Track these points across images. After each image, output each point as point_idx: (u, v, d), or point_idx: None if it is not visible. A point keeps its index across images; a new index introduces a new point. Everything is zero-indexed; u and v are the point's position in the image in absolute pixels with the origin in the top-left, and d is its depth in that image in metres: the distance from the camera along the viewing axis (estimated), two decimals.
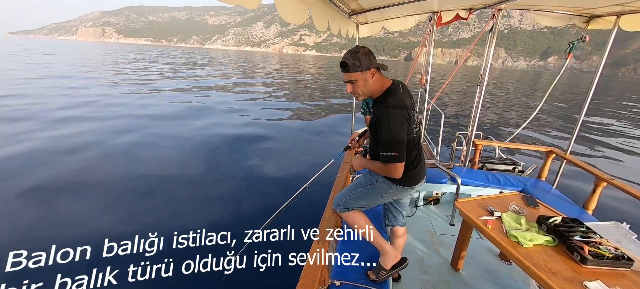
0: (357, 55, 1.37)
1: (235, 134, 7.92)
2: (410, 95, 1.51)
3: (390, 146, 1.36)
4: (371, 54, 1.40)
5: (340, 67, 1.43)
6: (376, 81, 1.43)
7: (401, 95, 1.43)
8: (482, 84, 3.27)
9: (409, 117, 1.41)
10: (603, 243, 1.53)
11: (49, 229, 3.59)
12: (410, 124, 1.43)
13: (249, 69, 35.56)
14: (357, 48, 1.41)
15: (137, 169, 5.43)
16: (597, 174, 2.57)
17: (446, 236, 2.70)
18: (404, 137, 1.37)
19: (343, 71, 1.42)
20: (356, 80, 1.41)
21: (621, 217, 2.07)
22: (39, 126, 7.72)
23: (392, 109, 1.36)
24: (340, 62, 1.42)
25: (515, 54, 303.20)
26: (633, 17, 2.58)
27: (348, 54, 1.40)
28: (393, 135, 1.34)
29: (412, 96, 1.54)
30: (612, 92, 33.32)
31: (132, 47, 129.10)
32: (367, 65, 1.38)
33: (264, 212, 1.99)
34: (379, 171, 1.53)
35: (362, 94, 1.45)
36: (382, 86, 1.45)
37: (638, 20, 2.56)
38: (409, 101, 1.47)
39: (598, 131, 10.09)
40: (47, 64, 25.91)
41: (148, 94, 13.85)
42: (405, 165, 1.50)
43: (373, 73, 1.41)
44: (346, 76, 1.42)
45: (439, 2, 2.70)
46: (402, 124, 1.36)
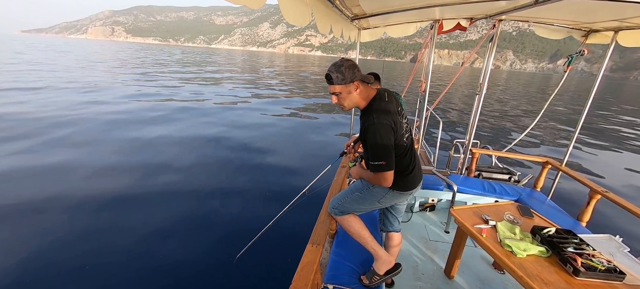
0: (341, 69, 1.41)
1: (234, 137, 7.89)
2: (396, 102, 1.54)
3: (378, 155, 1.38)
4: (355, 67, 1.44)
5: (325, 79, 1.46)
6: (360, 93, 1.46)
7: (386, 103, 1.46)
8: (481, 93, 3.29)
9: (396, 124, 1.43)
10: (596, 255, 1.54)
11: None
12: (397, 131, 1.44)
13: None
14: (341, 61, 1.44)
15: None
16: (591, 186, 2.59)
17: (441, 243, 2.70)
18: (390, 145, 1.39)
19: (328, 83, 1.46)
20: (340, 92, 1.44)
21: (614, 230, 2.08)
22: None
23: (378, 119, 1.38)
24: (325, 75, 1.46)
25: (523, 56, 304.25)
26: (631, 33, 2.61)
27: (332, 67, 1.43)
28: (379, 144, 1.36)
29: (400, 102, 1.57)
30: (625, 97, 33.38)
31: (142, 46, 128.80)
32: (351, 78, 1.41)
33: (261, 217, 1.98)
34: (369, 180, 1.56)
35: (347, 105, 1.49)
36: (367, 97, 1.49)
37: (635, 36, 2.59)
38: (395, 107, 1.49)
39: (597, 140, 10.15)
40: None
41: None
42: (400, 170, 1.53)
43: (357, 86, 1.44)
44: (331, 88, 1.45)
45: (441, 11, 2.72)
46: (387, 132, 1.38)
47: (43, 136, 6.71)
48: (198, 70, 28.57)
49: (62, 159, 5.49)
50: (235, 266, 2.81)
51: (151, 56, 47.68)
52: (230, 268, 2.93)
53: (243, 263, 2.71)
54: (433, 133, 7.72)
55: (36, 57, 31.37)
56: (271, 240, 3.22)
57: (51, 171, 4.95)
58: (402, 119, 1.53)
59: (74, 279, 2.78)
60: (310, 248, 1.48)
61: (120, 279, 2.81)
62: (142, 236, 3.43)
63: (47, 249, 3.13)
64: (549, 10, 2.44)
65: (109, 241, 3.32)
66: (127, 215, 3.84)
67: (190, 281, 2.82)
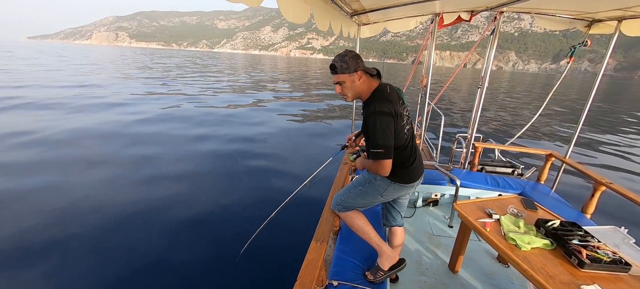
0: (345, 58, 1.46)
1: (235, 138, 7.92)
2: (398, 94, 1.56)
3: (377, 144, 1.41)
4: (358, 57, 1.48)
5: (329, 70, 1.51)
6: (363, 83, 1.51)
7: (387, 95, 1.49)
8: (483, 87, 3.27)
9: (396, 115, 1.45)
10: (601, 247, 1.53)
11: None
12: (398, 122, 1.46)
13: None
14: (345, 52, 1.49)
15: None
16: (596, 178, 2.57)
17: (444, 238, 2.70)
18: (390, 135, 1.42)
19: (332, 73, 1.51)
20: (344, 81, 1.49)
21: (620, 221, 2.07)
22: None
23: (379, 108, 1.42)
24: (329, 65, 1.50)
25: (526, 57, 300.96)
26: (634, 22, 2.58)
27: (336, 57, 1.49)
28: (379, 133, 1.39)
29: (401, 95, 1.60)
30: (627, 96, 33.02)
31: (147, 51, 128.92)
32: (355, 68, 1.47)
33: (264, 210, 2.00)
34: (369, 168, 1.59)
35: (350, 95, 1.53)
36: (369, 88, 1.52)
37: (639, 24, 2.56)
38: (397, 99, 1.52)
39: (601, 135, 10.07)
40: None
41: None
42: (401, 162, 1.55)
43: (360, 75, 1.49)
44: (335, 77, 1.51)
45: (441, 4, 2.70)
46: (388, 122, 1.41)
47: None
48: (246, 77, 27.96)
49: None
50: (241, 257, 2.85)
51: (172, 61, 47.44)
52: (235, 262, 2.98)
53: (249, 257, 2.75)
54: (435, 128, 7.70)
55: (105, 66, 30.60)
56: (274, 235, 3.27)
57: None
58: (403, 111, 1.55)
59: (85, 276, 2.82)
60: (315, 245, 1.49)
61: (123, 278, 2.85)
62: (150, 235, 3.47)
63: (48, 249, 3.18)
64: (550, 0, 2.41)
65: (111, 241, 3.36)
66: (132, 217, 3.88)
67: (197, 278, 2.85)
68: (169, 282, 2.82)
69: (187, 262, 3.06)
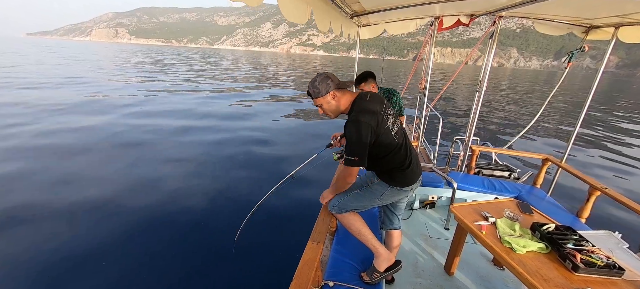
0: (315, 84, 1.53)
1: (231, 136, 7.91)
2: (380, 102, 1.57)
3: (352, 150, 1.44)
4: (328, 78, 1.53)
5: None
6: (338, 100, 1.55)
7: (367, 103, 1.51)
8: (481, 90, 3.29)
9: (377, 121, 1.47)
10: (595, 251, 1.54)
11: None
12: (381, 126, 1.48)
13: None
14: (315, 77, 1.55)
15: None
16: (591, 182, 2.59)
17: (441, 240, 2.71)
18: (366, 143, 1.43)
19: (310, 98, 1.59)
20: (321, 104, 1.57)
21: (614, 226, 2.09)
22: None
23: (356, 116, 1.44)
24: (306, 92, 1.59)
25: (527, 53, 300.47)
26: (632, 29, 2.60)
27: (309, 84, 1.56)
28: (354, 140, 1.42)
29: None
30: (630, 94, 33.14)
31: (145, 48, 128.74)
32: (325, 90, 1.52)
33: (250, 204, 2.01)
34: (338, 176, 1.64)
35: (331, 114, 1.61)
36: (347, 101, 1.56)
37: (636, 32, 2.58)
38: (378, 107, 1.52)
39: (597, 137, 10.14)
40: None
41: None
42: (396, 166, 1.56)
43: (333, 95, 1.54)
44: (313, 102, 1.59)
45: (441, 8, 2.71)
46: (366, 129, 1.42)
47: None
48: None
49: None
50: (236, 246, 2.94)
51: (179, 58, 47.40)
52: (231, 251, 3.07)
53: (245, 256, 2.79)
54: (433, 131, 7.72)
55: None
56: (271, 235, 3.33)
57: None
58: (387, 116, 1.54)
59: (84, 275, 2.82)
60: (311, 245, 1.48)
61: (129, 271, 2.87)
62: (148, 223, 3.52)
63: (47, 246, 3.16)
64: (549, 6, 2.43)
65: (111, 233, 3.37)
66: (130, 205, 3.88)
67: (195, 271, 2.85)
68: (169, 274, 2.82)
69: (181, 257, 3.07)
